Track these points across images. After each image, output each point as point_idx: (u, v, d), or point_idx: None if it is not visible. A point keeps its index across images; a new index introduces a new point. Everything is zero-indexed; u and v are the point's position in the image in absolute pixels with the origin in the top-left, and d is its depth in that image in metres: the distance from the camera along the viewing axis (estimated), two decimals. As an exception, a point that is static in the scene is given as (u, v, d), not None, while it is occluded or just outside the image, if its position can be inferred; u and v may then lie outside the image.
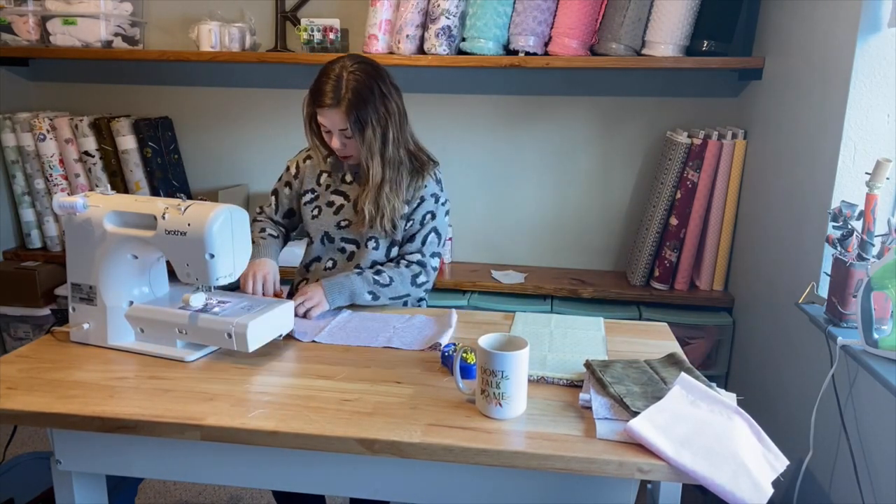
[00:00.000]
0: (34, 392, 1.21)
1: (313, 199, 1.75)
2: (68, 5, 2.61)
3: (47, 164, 2.74)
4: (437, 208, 1.70)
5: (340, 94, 1.55)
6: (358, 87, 1.55)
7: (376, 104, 1.57)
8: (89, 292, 1.40)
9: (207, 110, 2.89)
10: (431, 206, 1.69)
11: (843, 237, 1.57)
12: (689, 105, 2.56)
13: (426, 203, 1.69)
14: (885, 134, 1.69)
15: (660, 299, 2.49)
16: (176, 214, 1.30)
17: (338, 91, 1.55)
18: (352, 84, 1.55)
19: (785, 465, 1.07)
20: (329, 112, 1.57)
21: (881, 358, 1.43)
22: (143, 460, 1.23)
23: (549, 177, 2.72)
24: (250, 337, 1.31)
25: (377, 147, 1.59)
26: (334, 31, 2.52)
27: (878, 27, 1.64)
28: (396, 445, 1.07)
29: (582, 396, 1.19)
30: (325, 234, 1.73)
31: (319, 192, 1.75)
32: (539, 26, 2.36)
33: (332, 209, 1.71)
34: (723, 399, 1.18)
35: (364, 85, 1.56)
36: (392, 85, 1.62)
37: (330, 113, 1.57)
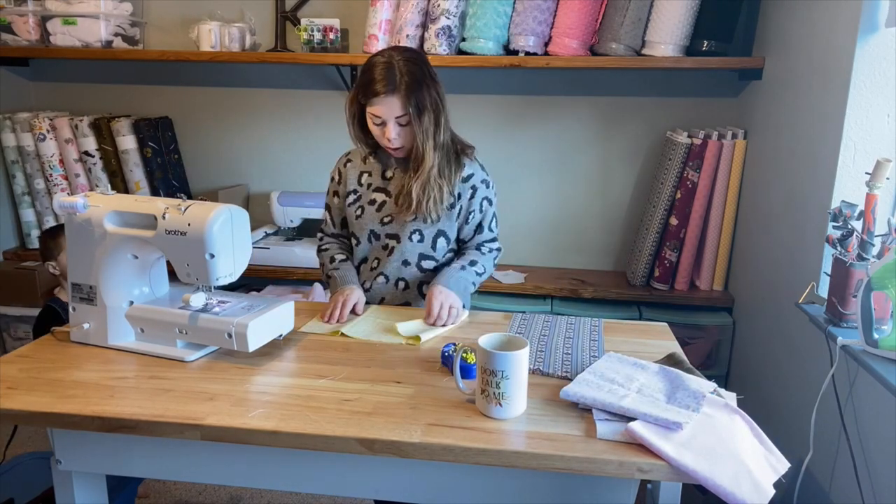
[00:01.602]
0: (34, 392, 1.21)
1: (356, 200, 1.75)
2: (68, 5, 2.61)
3: (47, 164, 2.74)
4: (489, 193, 1.74)
5: (396, 80, 1.55)
6: (413, 72, 1.57)
7: (430, 88, 1.59)
8: (89, 292, 1.40)
9: (207, 110, 2.89)
10: (486, 191, 1.73)
11: (843, 237, 1.57)
12: (689, 105, 2.56)
13: (480, 190, 1.71)
14: (885, 134, 1.69)
15: (660, 299, 2.49)
16: (176, 214, 1.30)
17: (392, 78, 1.55)
18: (406, 69, 1.56)
19: (786, 467, 1.07)
20: (386, 100, 1.56)
21: (881, 358, 1.43)
22: (143, 460, 1.23)
23: (549, 177, 2.72)
24: (250, 337, 1.31)
25: (432, 131, 1.60)
26: (334, 31, 2.52)
27: (878, 27, 1.64)
28: (396, 445, 1.07)
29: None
30: (370, 232, 1.73)
31: (361, 192, 1.75)
32: (539, 26, 2.36)
33: (373, 207, 1.71)
34: (722, 399, 1.18)
35: (418, 70, 1.58)
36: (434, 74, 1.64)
37: (388, 100, 1.56)
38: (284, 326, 1.43)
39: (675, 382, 1.21)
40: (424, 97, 1.57)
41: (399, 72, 1.55)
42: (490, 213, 1.74)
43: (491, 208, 1.74)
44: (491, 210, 1.74)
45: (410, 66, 1.56)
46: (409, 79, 1.55)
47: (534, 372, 1.31)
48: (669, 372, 1.26)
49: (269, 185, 2.86)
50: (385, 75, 1.55)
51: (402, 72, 1.55)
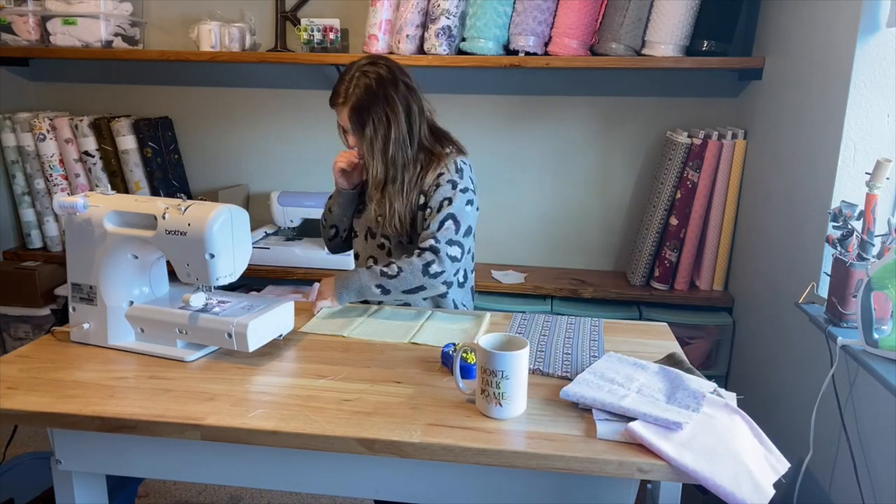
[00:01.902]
0: (34, 392, 1.21)
1: (361, 193, 1.79)
2: (68, 5, 2.61)
3: (47, 164, 2.74)
4: (454, 194, 1.60)
5: (347, 93, 1.59)
6: (362, 89, 1.58)
7: (378, 106, 1.58)
8: (89, 292, 1.40)
9: (207, 110, 2.89)
10: (448, 192, 1.60)
11: (843, 237, 1.57)
12: (689, 105, 2.56)
13: (442, 189, 1.60)
14: (885, 134, 1.69)
15: (660, 299, 2.49)
16: (176, 214, 1.30)
17: (346, 90, 1.60)
18: (360, 84, 1.59)
19: (787, 467, 1.07)
20: (338, 110, 1.63)
21: (881, 358, 1.43)
22: (143, 460, 1.23)
23: (549, 177, 2.72)
24: (250, 337, 1.31)
25: (378, 147, 1.60)
26: (334, 31, 2.52)
27: (878, 27, 1.64)
28: (396, 445, 1.07)
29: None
30: (368, 229, 1.75)
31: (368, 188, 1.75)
32: (539, 26, 2.36)
33: (373, 204, 1.70)
34: (722, 399, 1.18)
35: (368, 87, 1.58)
36: (405, 84, 1.62)
37: (339, 111, 1.63)
38: (284, 326, 1.43)
39: (675, 382, 1.21)
40: (367, 114, 1.58)
41: (353, 85, 1.58)
42: (444, 213, 1.58)
43: (448, 209, 1.58)
44: (446, 211, 1.58)
45: (366, 82, 1.58)
46: (357, 95, 1.58)
47: (534, 372, 1.31)
48: (669, 372, 1.26)
49: (269, 185, 2.86)
50: (340, 87, 1.60)
51: (355, 86, 1.58)
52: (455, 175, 1.62)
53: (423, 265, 1.55)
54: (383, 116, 1.59)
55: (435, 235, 1.57)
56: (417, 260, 1.56)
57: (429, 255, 1.56)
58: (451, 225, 1.58)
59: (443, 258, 1.56)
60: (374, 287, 1.55)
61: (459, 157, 1.66)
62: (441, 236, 1.57)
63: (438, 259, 1.55)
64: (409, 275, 1.55)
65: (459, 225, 1.59)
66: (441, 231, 1.57)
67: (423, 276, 1.55)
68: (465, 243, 1.60)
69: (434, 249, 1.56)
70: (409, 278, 1.55)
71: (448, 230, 1.57)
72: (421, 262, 1.55)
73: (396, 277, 1.54)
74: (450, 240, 1.57)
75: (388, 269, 1.56)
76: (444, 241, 1.56)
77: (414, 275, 1.55)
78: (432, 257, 1.55)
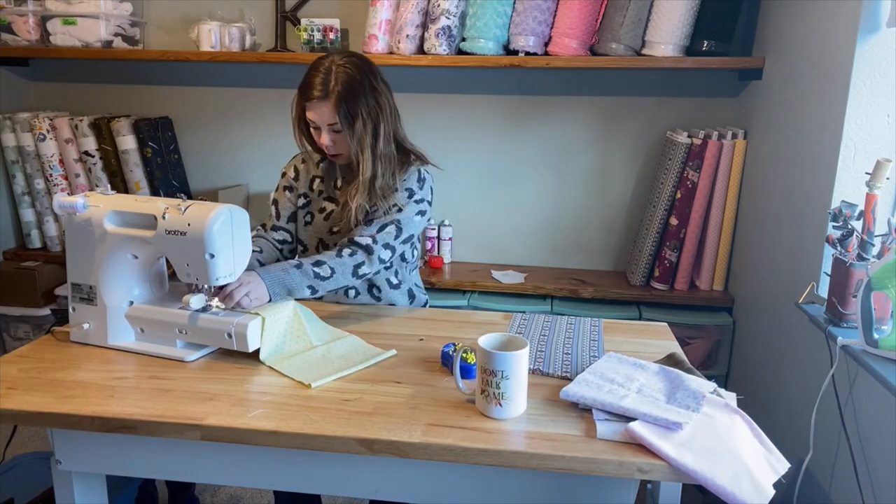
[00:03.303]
0: (34, 392, 1.21)
1: (306, 205, 1.73)
2: (68, 5, 2.61)
3: (47, 164, 2.74)
4: (406, 202, 1.60)
5: (329, 86, 1.51)
6: (347, 80, 1.52)
7: (367, 97, 1.54)
8: (89, 292, 1.40)
9: (207, 110, 2.89)
10: (403, 199, 1.60)
11: (843, 237, 1.57)
12: (689, 105, 2.56)
13: (398, 195, 1.60)
14: (885, 134, 1.69)
15: (660, 299, 2.49)
16: (176, 214, 1.30)
17: (326, 84, 1.51)
18: (341, 76, 1.52)
19: (787, 467, 1.07)
20: (318, 105, 1.53)
21: (881, 358, 1.43)
22: (143, 460, 1.23)
23: (549, 177, 2.72)
24: (250, 337, 1.31)
25: (368, 141, 1.55)
26: (334, 31, 2.53)
27: (878, 27, 1.64)
28: (396, 445, 1.07)
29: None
30: (319, 240, 1.71)
31: (312, 197, 1.72)
32: (539, 26, 2.36)
33: (322, 215, 1.69)
34: (722, 399, 1.18)
35: (354, 77, 1.53)
36: (383, 81, 1.60)
37: (318, 106, 1.53)
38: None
39: (675, 382, 1.21)
40: (357, 106, 1.52)
41: (334, 78, 1.52)
42: (390, 218, 1.58)
43: (396, 215, 1.58)
44: (393, 217, 1.58)
45: (348, 73, 1.53)
46: (342, 87, 1.51)
47: (534, 372, 1.31)
48: (669, 372, 1.26)
49: (269, 185, 2.85)
50: (320, 80, 1.52)
51: (336, 79, 1.52)
52: (415, 185, 1.63)
53: (354, 266, 1.54)
54: (373, 108, 1.54)
55: (374, 236, 1.56)
56: (349, 259, 1.53)
57: (361, 255, 1.55)
58: (392, 230, 1.58)
59: (374, 260, 1.56)
60: (305, 289, 1.49)
61: (424, 167, 1.66)
62: (380, 238, 1.56)
63: (370, 261, 1.55)
64: (340, 276, 1.53)
65: (401, 232, 1.59)
66: (381, 233, 1.57)
67: (352, 276, 1.54)
68: (398, 248, 1.60)
69: (369, 249, 1.55)
70: (339, 279, 1.53)
71: (388, 234, 1.57)
72: (352, 263, 1.54)
73: (329, 279, 1.51)
74: (386, 244, 1.57)
75: (320, 269, 1.50)
76: (380, 244, 1.56)
77: (345, 276, 1.53)
78: (363, 258, 1.55)
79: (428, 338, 1.50)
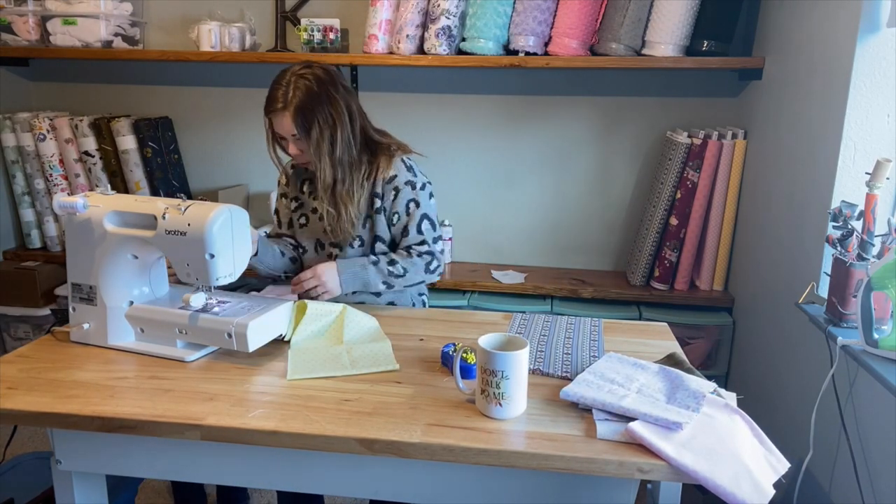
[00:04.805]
0: (34, 392, 1.21)
1: (299, 208, 1.77)
2: (68, 5, 2.61)
3: (47, 164, 2.74)
4: (418, 194, 1.67)
5: (287, 98, 1.55)
6: (304, 90, 1.56)
7: (323, 105, 1.57)
8: (89, 292, 1.40)
9: (207, 110, 2.89)
10: (410, 194, 1.66)
11: (843, 237, 1.57)
12: (689, 105, 2.56)
13: (403, 192, 1.66)
14: (885, 134, 1.69)
15: (660, 299, 2.49)
16: (176, 214, 1.30)
17: (285, 96, 1.56)
18: (299, 88, 1.56)
19: (786, 467, 1.07)
20: (278, 117, 1.58)
21: (881, 358, 1.43)
22: (143, 460, 1.23)
23: (549, 177, 2.72)
24: (250, 337, 1.31)
25: (325, 149, 1.59)
26: (334, 31, 2.53)
27: (878, 27, 1.64)
28: (396, 445, 1.07)
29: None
30: (317, 241, 1.74)
31: (304, 199, 1.76)
32: (539, 26, 2.36)
33: (316, 216, 1.72)
34: (722, 399, 1.18)
35: (311, 88, 1.57)
36: (343, 86, 1.63)
37: (279, 118, 1.58)
38: (284, 326, 1.43)
39: (675, 382, 1.21)
40: (313, 115, 1.56)
41: (292, 90, 1.56)
42: (417, 216, 1.67)
43: (419, 211, 1.67)
44: (419, 213, 1.67)
45: (305, 84, 1.56)
46: (300, 98, 1.55)
47: (534, 372, 1.31)
48: (669, 372, 1.26)
49: (269, 185, 2.86)
50: (281, 93, 1.57)
51: (294, 91, 1.56)
52: (408, 175, 1.68)
53: (425, 265, 1.68)
54: (328, 117, 1.58)
55: (423, 239, 1.69)
56: (419, 260, 1.67)
57: (427, 256, 1.69)
58: (428, 225, 1.69)
59: (438, 256, 1.70)
60: (380, 283, 1.64)
61: (404, 156, 1.70)
62: (427, 237, 1.69)
63: (435, 258, 1.70)
64: (413, 274, 1.67)
65: (433, 221, 1.71)
66: (424, 233, 1.69)
67: (424, 273, 1.68)
68: (441, 233, 1.74)
69: (430, 252, 1.69)
70: (413, 277, 1.67)
71: (428, 231, 1.69)
72: (423, 262, 1.68)
73: (403, 277, 1.66)
74: (434, 238, 1.70)
75: (393, 268, 1.65)
76: (431, 241, 1.69)
77: (417, 273, 1.67)
78: (430, 258, 1.69)
79: (428, 338, 1.50)
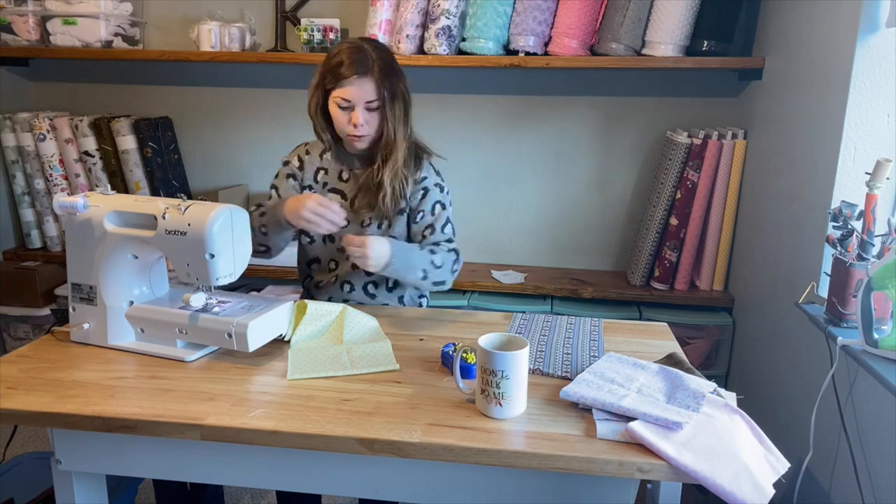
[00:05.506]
0: (34, 392, 1.21)
1: None
2: (68, 5, 2.61)
3: (47, 164, 2.74)
4: (444, 198, 1.69)
5: (368, 64, 1.52)
6: (386, 58, 1.57)
7: (400, 79, 1.59)
8: (89, 292, 1.40)
9: (207, 110, 2.89)
10: (438, 195, 1.68)
11: (843, 237, 1.57)
12: (689, 105, 2.56)
13: (432, 193, 1.67)
14: (885, 134, 1.69)
15: (660, 299, 2.49)
16: (176, 214, 1.30)
17: (364, 62, 1.52)
18: (379, 55, 1.56)
19: (786, 467, 1.07)
20: (358, 82, 1.53)
21: (881, 358, 1.43)
22: (143, 460, 1.23)
23: (549, 177, 2.72)
24: (250, 337, 1.31)
25: (403, 120, 1.59)
26: (334, 31, 2.53)
27: (878, 27, 1.64)
28: (396, 445, 1.07)
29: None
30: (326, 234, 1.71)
31: (317, 189, 1.72)
32: (539, 26, 2.36)
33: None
34: (722, 399, 1.18)
35: (391, 57, 1.59)
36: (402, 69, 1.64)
37: (359, 83, 1.53)
38: (284, 326, 1.43)
39: (675, 382, 1.21)
40: (398, 84, 1.57)
41: (370, 57, 1.54)
42: (443, 217, 1.67)
43: (444, 213, 1.67)
44: (444, 215, 1.67)
45: (382, 53, 1.57)
46: (382, 64, 1.55)
47: (534, 372, 1.31)
48: (669, 372, 1.26)
49: (269, 185, 2.86)
50: (357, 58, 1.53)
51: (373, 57, 1.55)
52: (437, 178, 1.70)
53: (452, 262, 1.64)
54: (405, 92, 1.60)
55: (451, 239, 1.67)
56: (448, 256, 1.62)
57: (454, 254, 1.65)
58: (450, 228, 1.69)
59: (460, 259, 1.67)
60: (420, 270, 1.57)
61: (430, 159, 1.71)
62: (451, 237, 1.68)
63: (458, 259, 1.66)
64: (444, 268, 1.61)
65: (453, 226, 1.70)
66: (448, 234, 1.67)
67: (450, 272, 1.64)
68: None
69: (455, 251, 1.66)
70: (443, 273, 1.61)
71: (450, 232, 1.68)
72: (451, 259, 1.63)
73: (439, 269, 1.60)
74: (454, 239, 1.69)
75: (435, 258, 1.58)
76: (455, 243, 1.68)
77: (447, 269, 1.62)
78: (456, 256, 1.65)
79: (428, 338, 1.50)
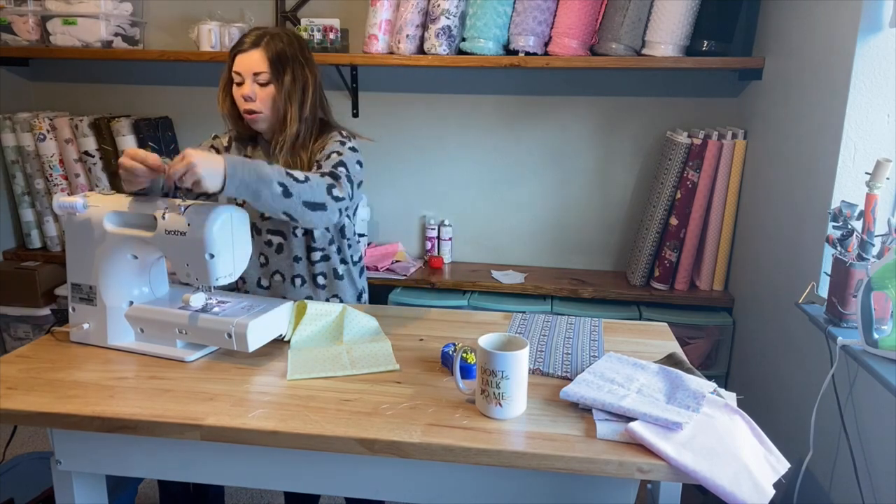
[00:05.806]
0: (34, 392, 1.21)
1: None
2: (68, 5, 2.61)
3: (47, 164, 2.74)
4: (343, 149, 1.56)
5: (263, 39, 1.56)
6: (280, 37, 1.58)
7: (297, 57, 1.59)
8: (89, 292, 1.40)
9: (207, 110, 2.88)
10: (337, 147, 1.57)
11: (843, 237, 1.57)
12: (689, 105, 2.56)
13: (330, 146, 1.59)
14: (885, 134, 1.69)
15: (660, 299, 2.49)
16: (176, 215, 1.30)
17: (261, 38, 1.56)
18: (275, 35, 1.58)
19: (786, 467, 1.07)
20: (247, 55, 1.55)
21: (881, 358, 1.43)
22: (143, 460, 1.23)
23: (549, 177, 2.72)
24: (250, 337, 1.31)
25: (298, 97, 1.58)
26: (334, 31, 2.52)
27: (879, 27, 1.64)
28: (396, 445, 1.07)
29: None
30: (252, 225, 1.59)
31: None
32: (539, 26, 2.36)
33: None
34: (722, 399, 1.18)
35: (287, 37, 1.60)
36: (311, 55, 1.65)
37: (248, 55, 1.55)
38: (284, 327, 1.43)
39: (675, 382, 1.21)
40: (288, 60, 1.57)
41: (267, 34, 1.58)
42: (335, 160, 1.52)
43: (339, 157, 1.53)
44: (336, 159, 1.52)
45: (284, 36, 1.59)
46: (275, 40, 1.57)
47: (534, 372, 1.31)
48: (669, 372, 1.26)
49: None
50: (252, 34, 1.58)
51: (270, 34, 1.58)
52: (343, 138, 1.62)
53: (328, 185, 1.44)
54: (303, 70, 1.59)
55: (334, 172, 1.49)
56: (321, 179, 1.44)
57: (329, 178, 1.46)
58: (342, 170, 1.51)
59: (343, 184, 1.47)
60: (276, 184, 1.32)
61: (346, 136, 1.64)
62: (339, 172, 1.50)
63: (339, 184, 1.46)
64: (315, 186, 1.41)
65: (350, 172, 1.52)
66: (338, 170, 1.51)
67: (326, 194, 1.42)
68: (353, 190, 1.52)
69: (334, 175, 1.48)
70: (315, 190, 1.40)
71: (342, 171, 1.50)
72: (325, 182, 1.44)
73: (304, 183, 1.38)
74: (346, 175, 1.50)
75: (294, 172, 1.38)
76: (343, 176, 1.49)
77: (319, 188, 1.41)
78: (332, 181, 1.46)
79: (428, 338, 1.50)
